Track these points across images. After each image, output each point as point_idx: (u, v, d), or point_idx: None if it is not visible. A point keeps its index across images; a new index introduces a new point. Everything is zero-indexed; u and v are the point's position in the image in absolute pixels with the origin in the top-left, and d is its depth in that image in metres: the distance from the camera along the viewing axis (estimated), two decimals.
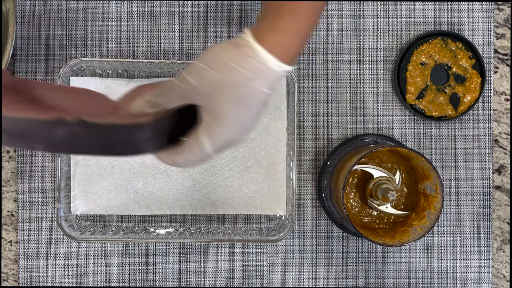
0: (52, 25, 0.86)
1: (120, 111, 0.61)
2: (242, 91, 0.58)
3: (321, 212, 0.88)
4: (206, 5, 0.87)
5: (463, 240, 0.88)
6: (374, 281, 0.88)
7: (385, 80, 0.88)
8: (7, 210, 0.87)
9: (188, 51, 0.87)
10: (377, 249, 0.88)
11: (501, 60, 0.88)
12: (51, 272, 0.87)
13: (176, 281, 0.87)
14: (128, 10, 0.87)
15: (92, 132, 0.55)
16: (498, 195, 0.89)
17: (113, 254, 0.87)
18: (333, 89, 0.88)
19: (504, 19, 0.88)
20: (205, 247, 0.87)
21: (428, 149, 0.88)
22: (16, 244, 0.87)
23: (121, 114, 0.60)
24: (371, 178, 0.79)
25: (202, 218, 0.87)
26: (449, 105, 0.86)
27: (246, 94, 0.58)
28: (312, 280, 0.88)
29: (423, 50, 0.86)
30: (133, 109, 0.61)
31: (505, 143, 0.88)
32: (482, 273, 0.88)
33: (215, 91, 0.58)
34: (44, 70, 0.86)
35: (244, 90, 0.58)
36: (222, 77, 0.58)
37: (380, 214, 0.83)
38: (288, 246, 0.88)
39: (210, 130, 0.59)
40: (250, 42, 0.58)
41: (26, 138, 0.55)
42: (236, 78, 0.58)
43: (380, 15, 0.87)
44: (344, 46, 0.88)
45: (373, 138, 0.87)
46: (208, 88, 0.58)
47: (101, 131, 0.56)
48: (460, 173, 0.88)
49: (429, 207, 0.77)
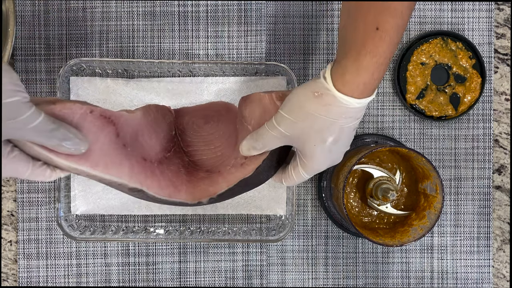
0: (52, 24, 0.86)
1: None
2: (327, 134, 0.64)
3: (321, 212, 0.88)
4: (206, 5, 0.87)
5: (463, 240, 0.88)
6: (374, 281, 0.88)
7: (385, 80, 0.88)
8: (7, 210, 0.87)
9: (188, 51, 0.87)
10: (377, 249, 0.88)
11: (501, 60, 0.88)
12: (51, 272, 0.87)
13: (176, 281, 0.87)
14: (128, 10, 0.87)
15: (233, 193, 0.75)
16: (498, 195, 0.89)
17: (113, 254, 0.87)
18: None
19: (504, 19, 0.88)
20: (205, 247, 0.87)
21: (428, 149, 0.88)
22: (16, 244, 0.87)
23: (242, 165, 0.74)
24: (371, 178, 0.79)
25: (202, 218, 0.87)
26: (449, 105, 0.86)
27: (335, 135, 0.64)
28: (312, 280, 0.88)
29: (423, 50, 0.86)
30: (243, 153, 0.71)
31: (505, 143, 0.88)
32: (482, 273, 0.88)
33: (302, 136, 0.65)
34: (44, 70, 0.86)
35: (329, 132, 0.63)
36: (308, 125, 0.64)
37: (380, 214, 0.83)
38: (288, 246, 0.88)
39: (304, 165, 0.68)
40: (332, 91, 0.62)
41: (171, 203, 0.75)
42: (321, 124, 0.63)
43: None
44: None
45: (373, 138, 0.86)
46: (297, 134, 0.65)
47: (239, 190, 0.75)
48: (460, 173, 0.88)
49: (429, 207, 0.77)
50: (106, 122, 0.67)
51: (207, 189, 0.75)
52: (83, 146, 0.60)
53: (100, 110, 0.66)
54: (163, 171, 0.76)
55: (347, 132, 0.65)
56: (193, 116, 0.83)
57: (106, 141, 0.66)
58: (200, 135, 0.82)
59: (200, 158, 0.81)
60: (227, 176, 0.75)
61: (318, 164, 0.67)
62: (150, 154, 0.75)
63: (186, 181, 0.77)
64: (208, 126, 0.82)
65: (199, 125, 0.82)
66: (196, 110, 0.84)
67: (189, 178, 0.78)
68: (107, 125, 0.67)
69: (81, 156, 0.62)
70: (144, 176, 0.72)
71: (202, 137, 0.81)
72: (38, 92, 0.86)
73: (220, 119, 0.82)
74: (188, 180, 0.78)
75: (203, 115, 0.83)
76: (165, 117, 0.80)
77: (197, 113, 0.83)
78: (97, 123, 0.65)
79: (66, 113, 0.61)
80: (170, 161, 0.78)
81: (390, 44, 0.60)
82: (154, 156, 0.76)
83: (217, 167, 0.78)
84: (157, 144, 0.77)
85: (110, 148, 0.67)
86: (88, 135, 0.63)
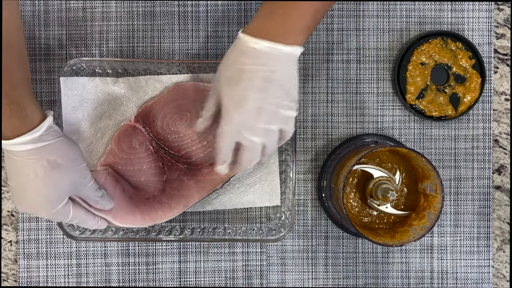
0: (52, 25, 0.86)
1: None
2: (230, 72, 0.67)
3: (321, 212, 0.88)
4: (206, 5, 0.87)
5: (463, 240, 0.88)
6: (374, 281, 0.88)
7: (385, 80, 0.88)
8: (7, 210, 0.87)
9: (188, 51, 0.87)
10: (377, 249, 0.88)
11: (501, 60, 0.88)
12: (51, 272, 0.87)
13: (176, 281, 0.87)
14: (128, 10, 0.87)
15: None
16: (498, 195, 0.89)
17: (113, 254, 0.87)
18: (333, 89, 0.88)
19: (504, 19, 0.88)
20: (205, 247, 0.87)
21: (428, 149, 0.88)
22: (16, 244, 0.87)
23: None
24: (371, 178, 0.79)
25: (202, 218, 0.87)
26: (449, 105, 0.86)
27: (233, 74, 0.67)
28: (312, 280, 0.88)
29: (423, 50, 0.86)
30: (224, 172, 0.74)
31: (505, 143, 0.88)
32: (482, 273, 0.88)
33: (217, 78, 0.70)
34: (44, 70, 0.86)
35: (231, 71, 0.67)
36: (220, 67, 0.69)
37: (380, 214, 0.83)
38: (288, 246, 0.88)
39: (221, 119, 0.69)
40: (238, 34, 0.68)
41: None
42: (226, 63, 0.68)
43: (380, 15, 0.87)
44: (344, 46, 0.88)
45: (373, 138, 0.86)
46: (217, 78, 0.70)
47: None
48: (460, 173, 0.88)
49: (429, 207, 0.77)
50: (115, 181, 0.78)
51: (218, 177, 0.80)
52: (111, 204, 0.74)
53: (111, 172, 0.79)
54: (168, 194, 0.80)
55: (248, 74, 0.66)
56: (164, 115, 0.82)
57: (118, 196, 0.77)
58: (184, 135, 0.81)
59: (197, 158, 0.81)
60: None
61: (227, 109, 0.68)
62: (150, 190, 0.81)
63: (194, 184, 0.80)
64: (185, 122, 0.81)
65: (176, 125, 0.81)
66: (163, 105, 0.82)
67: (196, 179, 0.81)
68: (116, 183, 0.78)
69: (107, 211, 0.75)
70: (154, 212, 0.79)
71: (187, 136, 0.81)
72: (38, 92, 0.86)
73: (194, 107, 0.81)
74: (196, 181, 0.81)
75: (174, 108, 0.82)
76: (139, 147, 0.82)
77: (166, 109, 0.82)
78: (113, 183, 0.77)
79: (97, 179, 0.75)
80: (170, 180, 0.81)
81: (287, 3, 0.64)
82: (154, 189, 0.81)
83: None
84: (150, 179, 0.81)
85: (123, 202, 0.78)
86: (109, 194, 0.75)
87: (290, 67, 0.67)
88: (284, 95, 0.68)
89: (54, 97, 0.86)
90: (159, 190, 0.81)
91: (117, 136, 0.81)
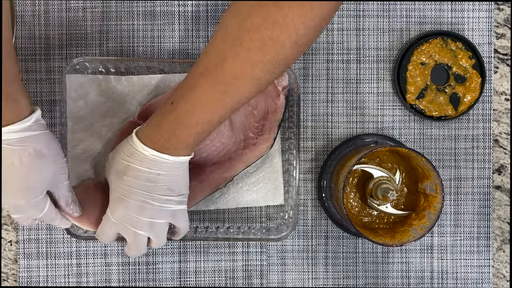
0: (52, 24, 0.86)
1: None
2: (119, 167, 0.71)
3: (321, 212, 0.88)
4: (206, 5, 0.87)
5: (463, 240, 0.88)
6: (374, 281, 0.88)
7: (385, 80, 0.88)
8: (7, 210, 0.87)
9: (188, 51, 0.87)
10: (377, 249, 0.88)
11: (501, 60, 0.88)
12: (51, 272, 0.87)
13: (176, 281, 0.87)
14: (128, 9, 0.87)
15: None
16: (498, 195, 0.89)
17: (113, 253, 0.87)
18: (333, 89, 0.88)
19: (504, 19, 0.88)
20: (205, 247, 0.87)
21: (428, 149, 0.88)
22: (16, 244, 0.87)
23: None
24: (371, 178, 0.79)
25: (202, 218, 0.87)
26: (449, 105, 0.86)
27: (121, 169, 0.71)
28: (312, 280, 0.88)
29: (423, 50, 0.86)
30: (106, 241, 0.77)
31: (505, 143, 0.88)
32: (482, 273, 0.88)
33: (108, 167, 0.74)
34: (44, 69, 0.86)
35: (120, 165, 0.71)
36: (111, 157, 0.74)
37: (380, 214, 0.83)
38: (288, 246, 0.88)
39: (109, 207, 0.73)
40: (131, 135, 0.72)
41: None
42: (117, 156, 0.72)
43: (380, 15, 0.88)
44: (344, 46, 0.88)
45: (373, 138, 0.86)
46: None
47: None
48: (460, 173, 0.88)
49: (429, 207, 0.77)
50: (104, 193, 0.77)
51: (221, 176, 0.81)
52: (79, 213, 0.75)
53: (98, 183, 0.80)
54: None
55: (134, 173, 0.70)
56: None
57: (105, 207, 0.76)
58: None
59: (200, 157, 0.81)
60: (242, 158, 0.81)
61: (113, 201, 0.72)
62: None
63: (197, 183, 0.81)
64: None
65: None
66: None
67: (199, 179, 0.81)
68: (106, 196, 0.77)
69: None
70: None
71: None
72: (38, 91, 0.86)
73: None
74: (199, 181, 0.81)
75: None
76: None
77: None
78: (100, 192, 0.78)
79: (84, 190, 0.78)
80: None
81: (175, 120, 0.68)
82: None
83: (224, 156, 0.82)
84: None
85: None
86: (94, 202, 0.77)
87: (178, 170, 0.71)
88: (171, 193, 0.71)
89: (54, 97, 0.86)
90: None
91: (120, 133, 0.81)
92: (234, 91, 0.65)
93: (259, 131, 0.83)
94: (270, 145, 0.82)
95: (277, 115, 0.82)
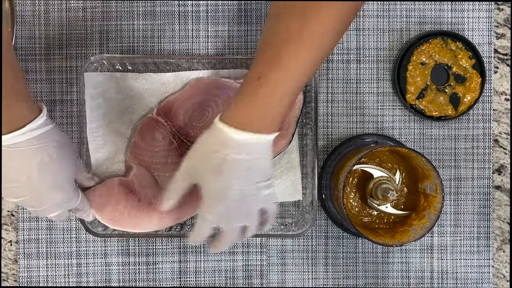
0: (52, 24, 0.86)
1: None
2: (212, 161, 0.66)
3: (321, 212, 0.88)
4: (206, 5, 0.87)
5: (463, 240, 0.88)
6: (374, 281, 0.88)
7: (385, 80, 0.88)
8: (7, 210, 0.87)
9: (188, 51, 0.87)
10: (377, 249, 0.88)
11: (501, 60, 0.88)
12: (51, 272, 0.87)
13: (176, 280, 0.87)
14: (128, 9, 0.87)
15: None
16: (498, 195, 0.89)
17: (113, 253, 0.87)
18: (333, 89, 0.88)
19: (504, 19, 0.88)
20: (205, 247, 0.87)
21: (428, 149, 0.88)
22: (16, 244, 0.87)
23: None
24: (371, 178, 0.79)
25: None
26: (449, 105, 0.86)
27: (215, 163, 0.66)
28: (312, 280, 0.88)
29: (423, 50, 0.86)
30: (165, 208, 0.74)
31: (505, 143, 0.88)
32: (482, 273, 0.88)
33: (196, 172, 0.69)
34: (44, 69, 0.86)
35: (213, 160, 0.66)
36: (198, 159, 0.69)
37: (380, 214, 0.83)
38: (288, 246, 0.88)
39: (202, 204, 0.69)
40: (214, 120, 0.67)
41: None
42: (205, 156, 0.67)
43: (380, 15, 0.88)
44: (344, 46, 0.88)
45: (373, 138, 0.87)
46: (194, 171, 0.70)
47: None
48: (460, 173, 0.88)
49: (429, 207, 0.77)
50: (128, 191, 0.80)
51: None
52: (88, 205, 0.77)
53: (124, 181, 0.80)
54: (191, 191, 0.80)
55: (232, 164, 0.65)
56: (186, 110, 0.82)
57: (130, 206, 0.79)
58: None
59: None
60: None
61: (210, 199, 0.68)
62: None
63: None
64: (206, 117, 0.82)
65: (198, 120, 0.82)
66: (185, 100, 0.82)
67: None
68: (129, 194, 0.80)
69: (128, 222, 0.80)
70: (176, 210, 0.78)
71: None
72: (38, 91, 0.86)
73: (215, 101, 0.82)
74: None
75: (195, 104, 0.83)
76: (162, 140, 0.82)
77: (188, 104, 0.83)
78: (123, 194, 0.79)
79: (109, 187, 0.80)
80: None
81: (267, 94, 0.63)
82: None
83: None
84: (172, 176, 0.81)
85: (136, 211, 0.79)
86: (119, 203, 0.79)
87: (268, 150, 0.68)
88: (264, 178, 0.69)
89: (55, 97, 0.86)
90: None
91: (139, 129, 0.82)
92: (319, 48, 0.63)
93: None
94: (289, 142, 0.82)
95: (295, 111, 0.82)
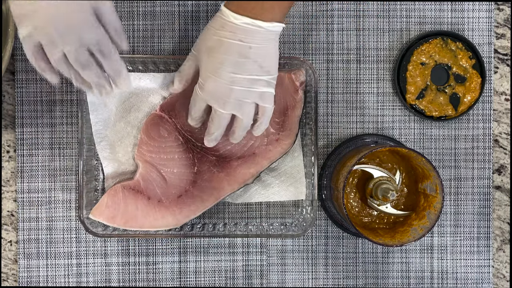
0: None
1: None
2: (210, 43, 0.70)
3: (321, 212, 0.88)
4: (206, 5, 0.87)
5: (463, 240, 0.88)
6: (374, 281, 0.88)
7: (385, 80, 0.88)
8: (7, 210, 0.87)
9: (188, 51, 0.87)
10: (377, 249, 0.88)
11: (501, 60, 0.88)
12: (51, 272, 0.87)
13: (176, 280, 0.87)
14: (128, 9, 0.87)
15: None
16: (498, 195, 0.89)
17: (113, 253, 0.87)
18: (333, 89, 0.88)
19: (504, 19, 0.88)
20: (205, 247, 0.87)
21: (428, 149, 0.88)
22: (16, 244, 0.87)
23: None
24: (371, 178, 0.79)
25: (222, 216, 0.87)
26: (449, 105, 0.86)
27: (212, 45, 0.69)
28: (312, 280, 0.88)
29: (423, 50, 0.86)
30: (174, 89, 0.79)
31: (505, 143, 0.88)
32: (482, 273, 0.88)
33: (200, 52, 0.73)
34: None
35: (211, 41, 0.69)
36: (201, 40, 0.72)
37: (380, 214, 0.83)
38: (288, 246, 0.88)
39: (199, 84, 0.72)
40: (221, 6, 0.69)
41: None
42: (208, 32, 0.71)
43: (380, 15, 0.88)
44: (344, 46, 0.88)
45: (373, 138, 0.87)
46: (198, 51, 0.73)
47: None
48: (460, 173, 0.88)
49: (429, 207, 0.77)
50: (136, 192, 0.81)
51: (247, 172, 0.82)
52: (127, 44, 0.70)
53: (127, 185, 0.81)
54: (199, 186, 0.82)
55: (227, 47, 0.68)
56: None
57: (141, 206, 0.81)
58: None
59: (224, 151, 0.82)
60: (267, 155, 0.83)
61: (203, 76, 0.71)
62: (182, 184, 0.82)
63: (224, 176, 0.82)
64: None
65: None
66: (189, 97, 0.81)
67: (226, 172, 0.82)
68: (137, 194, 0.81)
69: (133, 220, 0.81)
70: (187, 208, 0.81)
71: None
72: (38, 91, 0.86)
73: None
74: (226, 173, 0.82)
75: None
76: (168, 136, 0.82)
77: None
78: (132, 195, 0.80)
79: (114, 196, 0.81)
80: (201, 172, 0.83)
81: None
82: (186, 182, 0.82)
83: (248, 150, 0.83)
84: (182, 170, 0.82)
85: (148, 209, 0.81)
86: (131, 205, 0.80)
87: (269, 43, 0.69)
88: (261, 71, 0.70)
89: (55, 97, 0.86)
90: (191, 183, 0.82)
91: (145, 125, 0.82)
92: None
93: (280, 126, 0.83)
94: (293, 141, 0.83)
95: (297, 110, 0.83)
